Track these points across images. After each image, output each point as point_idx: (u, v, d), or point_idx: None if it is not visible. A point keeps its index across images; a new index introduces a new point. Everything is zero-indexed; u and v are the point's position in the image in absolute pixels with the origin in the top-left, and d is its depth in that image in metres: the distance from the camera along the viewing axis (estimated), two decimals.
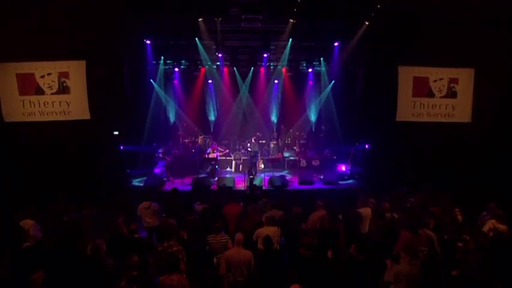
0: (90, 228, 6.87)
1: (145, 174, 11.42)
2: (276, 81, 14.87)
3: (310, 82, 15.15)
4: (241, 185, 10.66)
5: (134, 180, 11.33)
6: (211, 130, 15.00)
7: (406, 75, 10.77)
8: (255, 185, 9.95)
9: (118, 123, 10.96)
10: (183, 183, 10.93)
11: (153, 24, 10.71)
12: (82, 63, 9.85)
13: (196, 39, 11.61)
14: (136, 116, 12.04)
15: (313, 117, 15.32)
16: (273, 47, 12.58)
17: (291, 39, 11.79)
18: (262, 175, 11.38)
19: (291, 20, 9.23)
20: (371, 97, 11.22)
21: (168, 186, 10.43)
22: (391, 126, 10.93)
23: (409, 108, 10.91)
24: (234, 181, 10.56)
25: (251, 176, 10.01)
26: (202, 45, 11.98)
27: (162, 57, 12.98)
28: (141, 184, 10.85)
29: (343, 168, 12.36)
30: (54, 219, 6.76)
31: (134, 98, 11.72)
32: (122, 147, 11.11)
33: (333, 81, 13.89)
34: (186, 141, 13.43)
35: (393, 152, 10.88)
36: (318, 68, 14.34)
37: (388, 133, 10.93)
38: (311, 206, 6.99)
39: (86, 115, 9.97)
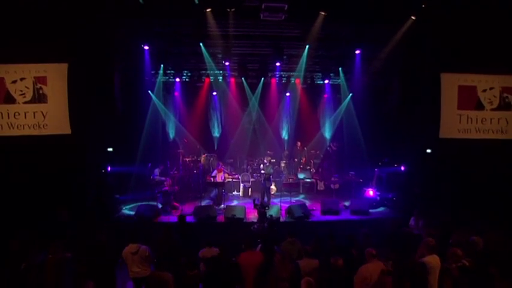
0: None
1: (137, 200, 10.03)
2: (287, 94, 13.83)
3: (326, 95, 14.05)
4: (253, 215, 8.84)
5: (124, 208, 9.94)
6: (215, 148, 13.98)
7: (450, 84, 9.58)
8: (272, 216, 8.07)
9: (106, 140, 9.63)
10: (183, 212, 9.20)
11: (152, 25, 9.35)
12: (63, 67, 8.65)
13: (201, 44, 10.39)
14: (129, 131, 10.97)
15: (327, 134, 14.05)
16: (285, 56, 11.34)
17: (308, 46, 10.49)
18: (279, 202, 9.55)
19: (322, 13, 7.66)
20: (408, 110, 9.93)
21: (165, 218, 9.03)
22: (433, 144, 9.64)
23: (455, 123, 9.66)
24: (244, 211, 8.76)
25: (266, 208, 8.15)
26: (208, 52, 10.82)
27: (162, 66, 11.81)
28: (132, 212, 9.36)
29: (371, 193, 10.59)
30: (5, 269, 5.22)
31: (127, 110, 10.68)
32: (109, 169, 9.72)
33: (351, 94, 12.81)
34: (187, 160, 12.30)
35: (435, 175, 9.52)
36: (336, 80, 13.12)
37: (428, 153, 9.50)
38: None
39: (66, 129, 8.71)
